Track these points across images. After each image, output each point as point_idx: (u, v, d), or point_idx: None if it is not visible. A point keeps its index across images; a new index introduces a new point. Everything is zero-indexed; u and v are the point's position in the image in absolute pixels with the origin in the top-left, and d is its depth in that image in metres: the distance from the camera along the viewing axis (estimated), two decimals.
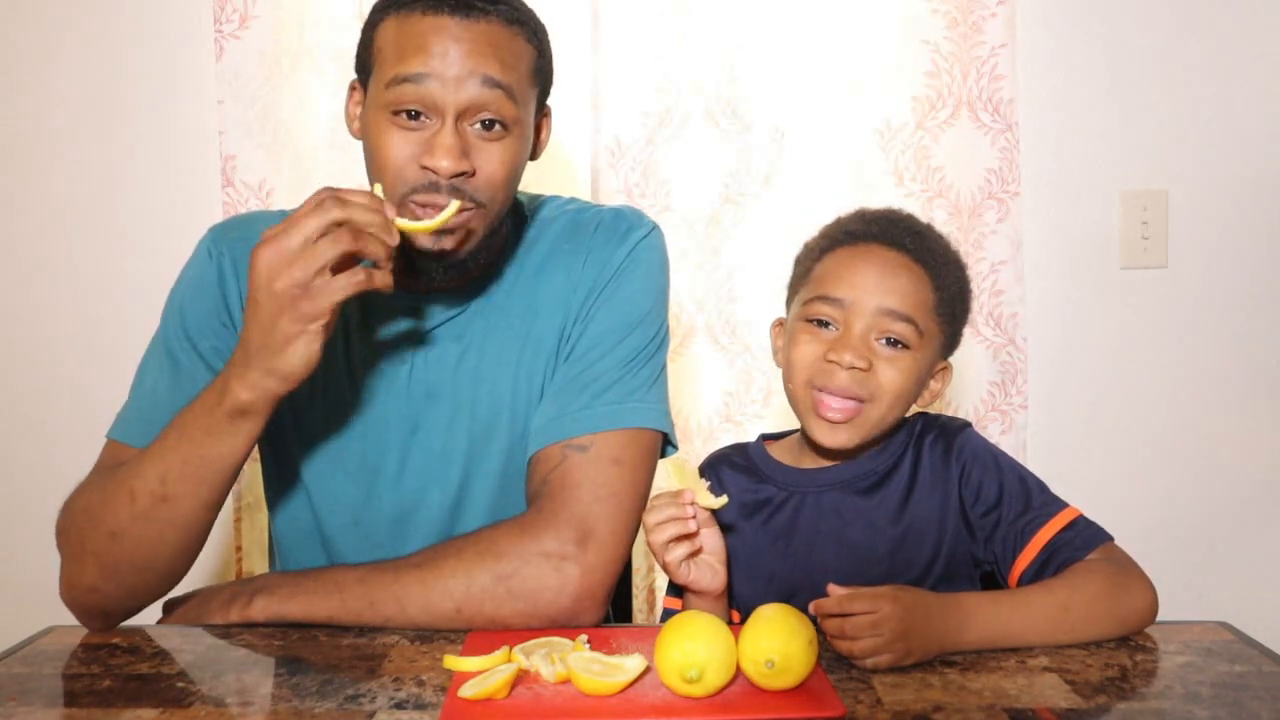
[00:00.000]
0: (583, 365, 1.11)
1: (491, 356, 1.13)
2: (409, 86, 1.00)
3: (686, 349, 1.79)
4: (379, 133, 1.03)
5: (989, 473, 1.06)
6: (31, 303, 1.88)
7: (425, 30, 1.01)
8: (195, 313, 1.11)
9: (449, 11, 1.01)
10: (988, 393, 1.78)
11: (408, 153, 1.02)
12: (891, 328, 1.04)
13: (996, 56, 1.73)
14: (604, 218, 1.17)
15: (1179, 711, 0.82)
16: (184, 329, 1.10)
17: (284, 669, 0.92)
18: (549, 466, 1.07)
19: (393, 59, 1.02)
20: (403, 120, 1.01)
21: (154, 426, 1.05)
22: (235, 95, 1.72)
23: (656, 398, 1.13)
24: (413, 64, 1.00)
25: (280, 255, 0.90)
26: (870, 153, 1.75)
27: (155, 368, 1.10)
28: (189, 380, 1.08)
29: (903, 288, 1.04)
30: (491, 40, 1.02)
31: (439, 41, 1.01)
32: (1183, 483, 1.87)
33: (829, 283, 1.06)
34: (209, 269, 1.12)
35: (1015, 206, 1.75)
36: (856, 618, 0.88)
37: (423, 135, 1.02)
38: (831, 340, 1.04)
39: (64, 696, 0.88)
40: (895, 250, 1.06)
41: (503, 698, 0.83)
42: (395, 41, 1.02)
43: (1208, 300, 1.85)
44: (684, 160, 1.75)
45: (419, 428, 1.13)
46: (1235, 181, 1.83)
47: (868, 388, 1.03)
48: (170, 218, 1.82)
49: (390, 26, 1.03)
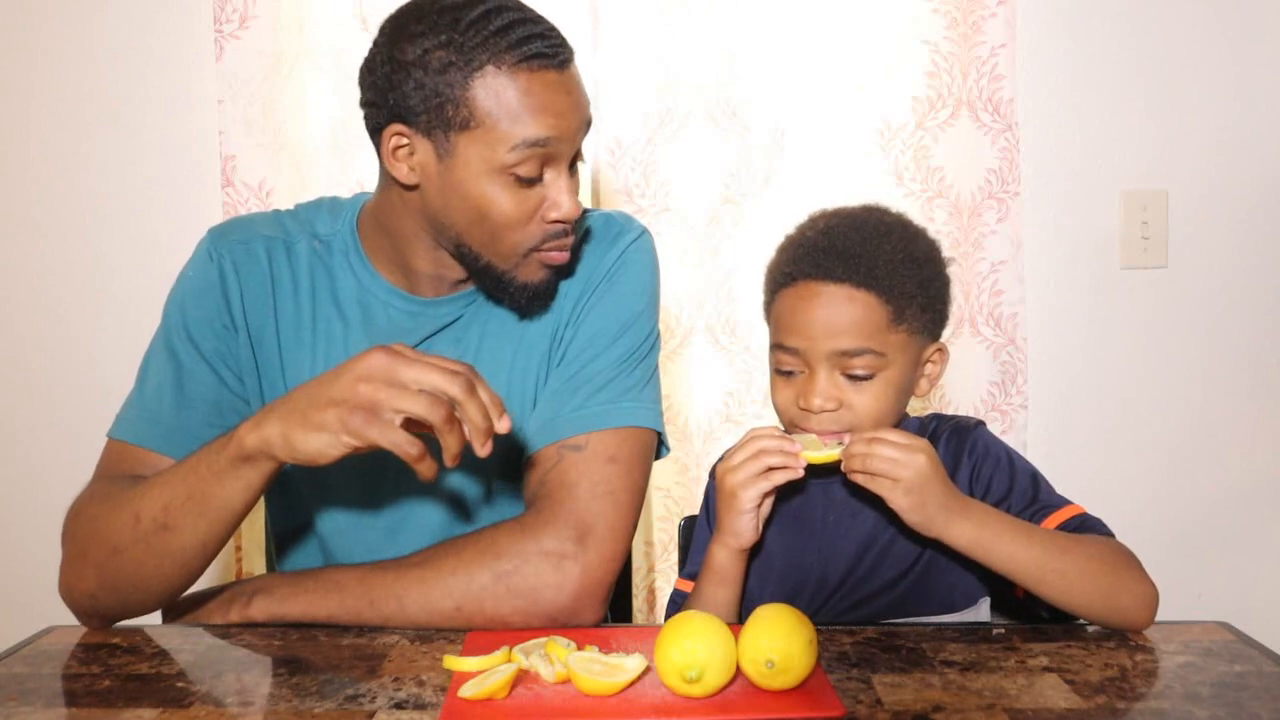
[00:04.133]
0: (576, 367, 1.11)
1: (487, 360, 1.13)
2: (539, 150, 1.00)
3: (686, 349, 1.79)
4: (496, 196, 1.02)
5: (1000, 469, 1.07)
6: (31, 302, 1.88)
7: (545, 89, 1.00)
8: (198, 314, 1.10)
9: (556, 66, 1.01)
10: (988, 393, 1.78)
11: (529, 209, 1.03)
12: (850, 364, 1.02)
13: (996, 56, 1.73)
14: (594, 222, 1.17)
15: (1179, 711, 0.82)
16: (186, 330, 1.10)
17: (284, 669, 0.92)
18: (546, 467, 1.08)
19: (512, 119, 0.99)
20: (525, 180, 1.01)
21: (157, 426, 1.06)
22: (235, 95, 1.72)
23: (650, 398, 1.13)
24: (543, 127, 1.00)
25: (388, 372, 0.88)
26: (870, 153, 1.75)
27: (158, 367, 1.10)
28: (192, 380, 1.08)
29: (850, 323, 1.02)
30: (580, 83, 1.05)
31: (559, 99, 1.00)
32: (1183, 482, 1.87)
33: (782, 331, 1.06)
34: (210, 270, 1.12)
35: (1015, 206, 1.75)
36: (887, 449, 0.94)
37: (540, 190, 1.03)
38: (800, 384, 1.04)
39: (64, 696, 0.88)
40: (833, 284, 1.03)
41: (503, 698, 0.83)
42: (516, 101, 0.99)
43: (1208, 300, 1.85)
44: (684, 160, 1.75)
45: None
46: (1235, 182, 1.84)
47: (845, 421, 1.03)
48: (170, 218, 1.82)
49: (497, 83, 0.99)
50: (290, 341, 1.13)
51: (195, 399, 1.08)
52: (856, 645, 0.96)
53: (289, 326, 1.13)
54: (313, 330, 1.13)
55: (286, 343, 1.13)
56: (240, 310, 1.11)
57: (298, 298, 1.13)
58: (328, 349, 1.13)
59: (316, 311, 1.13)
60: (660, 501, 1.81)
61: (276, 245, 1.14)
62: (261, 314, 1.12)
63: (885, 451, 0.95)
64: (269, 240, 1.14)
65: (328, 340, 1.13)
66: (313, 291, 1.14)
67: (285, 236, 1.15)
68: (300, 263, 1.14)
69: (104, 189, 1.84)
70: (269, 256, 1.13)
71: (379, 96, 1.03)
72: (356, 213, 1.16)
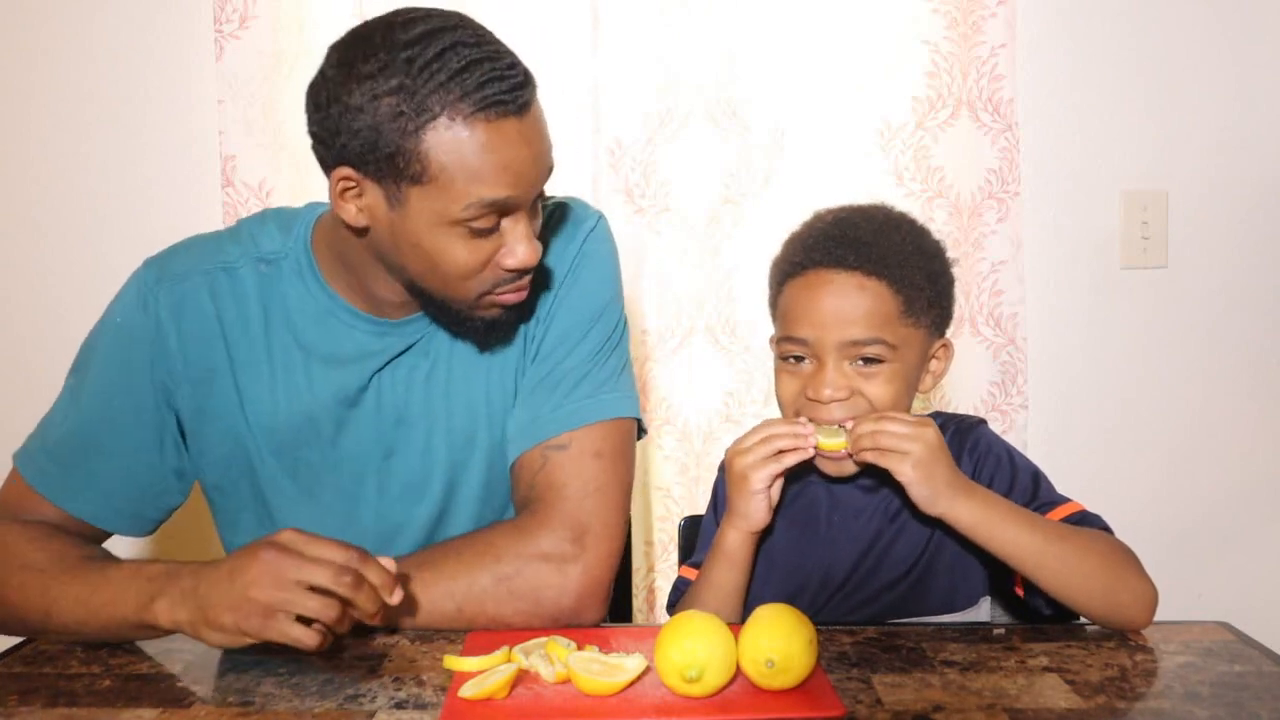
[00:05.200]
0: (550, 365, 1.10)
1: (460, 369, 1.11)
2: (496, 206, 0.95)
3: (686, 349, 1.79)
4: (449, 246, 0.96)
5: (1001, 468, 1.07)
6: (31, 302, 1.88)
7: (505, 142, 0.92)
8: (123, 376, 1.06)
9: (516, 112, 0.93)
10: (988, 393, 1.78)
11: (484, 258, 0.97)
12: (861, 352, 1.02)
13: (996, 56, 1.72)
14: (549, 216, 1.12)
15: (1179, 711, 0.82)
16: (109, 385, 1.06)
17: (284, 669, 0.92)
18: (532, 470, 1.07)
19: (469, 177, 0.92)
20: (481, 232, 0.96)
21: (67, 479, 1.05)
22: (235, 95, 1.72)
23: (626, 385, 1.12)
24: (502, 186, 0.93)
25: (277, 574, 0.87)
26: (870, 153, 1.75)
27: (73, 412, 1.07)
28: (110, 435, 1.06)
29: (861, 311, 1.01)
30: (542, 127, 0.97)
31: (519, 153, 0.93)
32: (1183, 482, 1.87)
33: (790, 322, 1.05)
34: (143, 322, 1.06)
35: (1015, 206, 1.75)
36: (895, 424, 0.95)
37: (497, 238, 0.97)
38: (808, 375, 1.04)
39: (64, 696, 0.88)
40: (845, 272, 1.02)
41: (503, 698, 0.83)
42: (473, 157, 0.92)
43: (1208, 300, 1.85)
44: (684, 160, 1.75)
45: (394, 452, 1.11)
46: (1235, 182, 1.83)
47: (856, 410, 1.02)
48: (170, 218, 1.81)
49: (452, 136, 0.91)
50: (247, 377, 1.08)
51: (111, 455, 1.06)
52: (856, 645, 0.96)
53: (244, 361, 1.08)
54: (269, 362, 1.08)
55: (244, 379, 1.08)
56: (180, 361, 1.06)
57: (248, 330, 1.07)
58: (287, 380, 1.08)
59: (271, 341, 1.08)
60: (660, 501, 1.81)
61: (218, 277, 1.07)
62: (209, 356, 1.07)
63: (893, 428, 0.96)
64: (208, 274, 1.07)
65: (287, 370, 1.08)
66: (265, 321, 1.08)
67: (226, 264, 1.08)
68: (247, 290, 1.08)
69: (104, 189, 1.84)
70: (211, 293, 1.07)
71: (326, 135, 0.96)
72: (310, 227, 1.09)
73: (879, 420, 0.97)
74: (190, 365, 1.07)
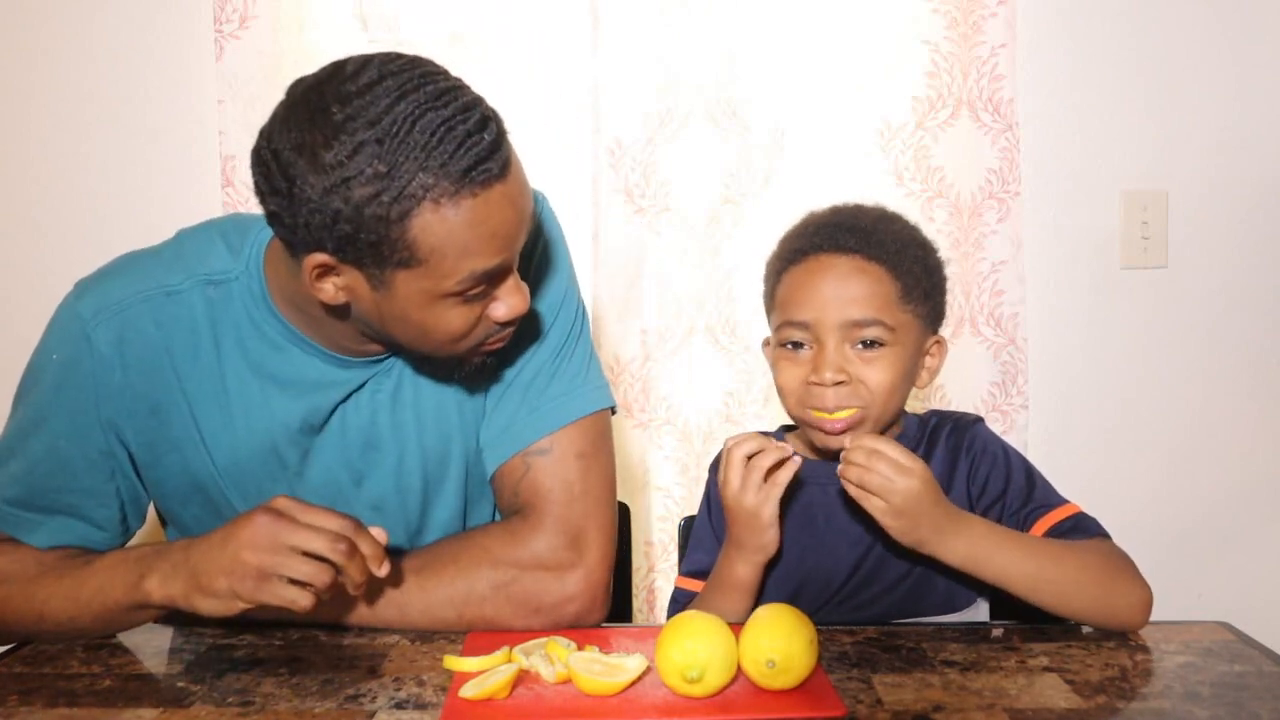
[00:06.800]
0: (517, 369, 1.07)
1: (428, 393, 1.07)
2: (489, 275, 0.91)
3: (686, 349, 1.79)
4: (441, 316, 0.92)
5: (997, 467, 1.07)
6: (31, 302, 1.87)
7: (492, 210, 0.87)
8: (68, 410, 1.01)
9: (499, 175, 0.87)
10: (988, 393, 1.78)
11: (475, 318, 0.93)
12: (861, 335, 1.02)
13: (996, 56, 1.72)
14: None
15: (1179, 711, 0.82)
16: (54, 429, 1.01)
17: (284, 669, 0.92)
18: (515, 479, 1.06)
19: (459, 253, 0.87)
20: (472, 298, 0.92)
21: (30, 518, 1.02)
22: (235, 95, 1.72)
23: (595, 374, 1.11)
24: (494, 254, 0.89)
25: (272, 538, 0.89)
26: (870, 153, 1.75)
27: (22, 448, 1.02)
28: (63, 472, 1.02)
29: (861, 293, 1.03)
30: (520, 174, 0.91)
31: (507, 217, 0.89)
32: (1183, 482, 1.87)
33: (790, 307, 1.06)
34: (85, 357, 0.99)
35: (1015, 206, 1.75)
36: (884, 465, 0.94)
37: (483, 301, 0.94)
38: (809, 361, 1.04)
39: (64, 696, 0.88)
40: (845, 255, 1.04)
41: (503, 698, 0.83)
42: (463, 234, 0.86)
43: (1208, 300, 1.85)
44: (684, 160, 1.75)
45: (364, 477, 1.07)
46: (1235, 182, 1.83)
47: (858, 395, 1.03)
48: (170, 218, 1.79)
49: (439, 218, 0.85)
50: (205, 409, 1.02)
51: (69, 492, 1.02)
52: (856, 645, 0.96)
53: (198, 392, 1.01)
54: (225, 393, 1.02)
55: (200, 411, 1.02)
56: (128, 396, 1.00)
57: (199, 358, 1.01)
58: (245, 408, 1.02)
59: (224, 369, 1.01)
60: (660, 501, 1.81)
61: (159, 303, 1.00)
62: (159, 388, 1.01)
63: (881, 468, 0.94)
64: (149, 299, 1.00)
65: (243, 398, 1.02)
66: (216, 347, 1.01)
67: (169, 288, 1.00)
68: (196, 315, 1.01)
69: (104, 189, 1.84)
70: (156, 320, 1.00)
71: (290, 221, 0.87)
72: (263, 251, 1.01)
73: (870, 455, 0.95)
74: (139, 399, 1.01)
